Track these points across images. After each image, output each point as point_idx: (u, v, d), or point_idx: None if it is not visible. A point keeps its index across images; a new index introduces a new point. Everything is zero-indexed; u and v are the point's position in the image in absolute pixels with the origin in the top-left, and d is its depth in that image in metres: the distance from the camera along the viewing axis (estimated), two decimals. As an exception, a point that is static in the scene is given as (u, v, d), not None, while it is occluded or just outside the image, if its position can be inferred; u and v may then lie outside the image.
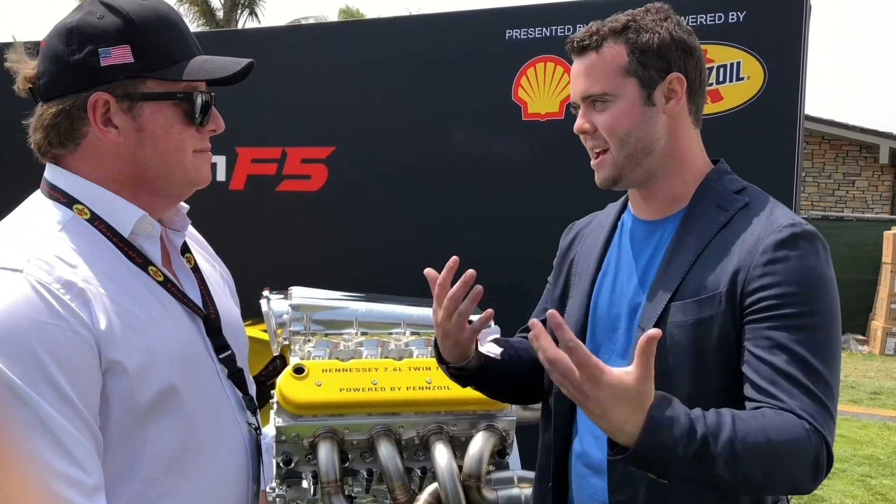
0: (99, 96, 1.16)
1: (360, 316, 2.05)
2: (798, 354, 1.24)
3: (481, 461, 1.79)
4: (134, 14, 1.17)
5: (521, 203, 4.18)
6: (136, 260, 1.20)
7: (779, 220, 1.32)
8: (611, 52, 1.40)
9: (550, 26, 4.12)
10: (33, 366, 1.00)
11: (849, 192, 14.48)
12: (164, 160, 1.21)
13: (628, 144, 1.41)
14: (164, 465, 1.14)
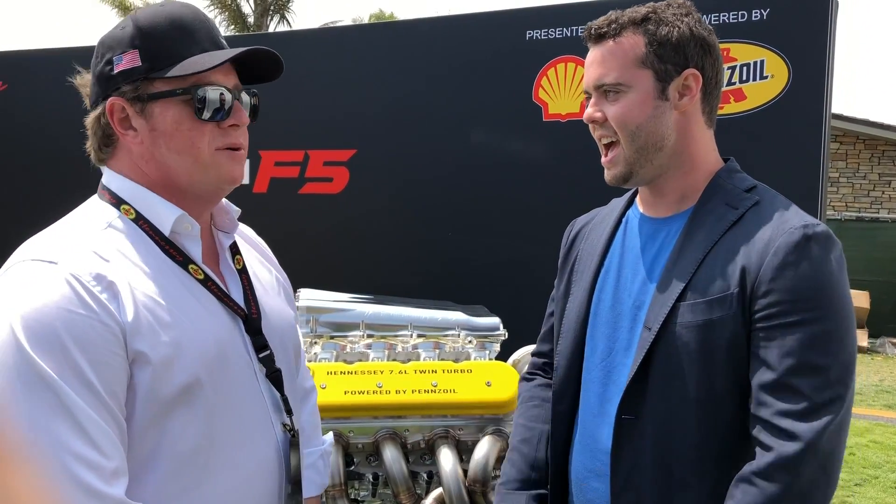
0: (114, 101, 1.21)
1: (366, 318, 2.04)
2: (807, 359, 1.20)
3: (486, 466, 1.77)
4: (145, 21, 1.22)
5: (542, 204, 4.15)
6: (177, 258, 1.23)
7: (791, 221, 1.27)
8: (628, 42, 1.36)
9: (571, 26, 4.08)
10: (59, 353, 1.04)
11: (885, 192, 14.19)
12: (180, 157, 1.23)
13: (639, 138, 1.36)
14: (187, 459, 1.16)
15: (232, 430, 1.22)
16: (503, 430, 1.85)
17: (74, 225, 1.21)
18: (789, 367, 1.20)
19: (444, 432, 1.83)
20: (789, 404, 1.19)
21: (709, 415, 1.27)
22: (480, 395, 1.85)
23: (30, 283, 1.08)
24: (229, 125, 1.25)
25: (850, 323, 1.25)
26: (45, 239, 1.17)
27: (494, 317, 2.22)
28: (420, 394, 1.84)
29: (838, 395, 1.20)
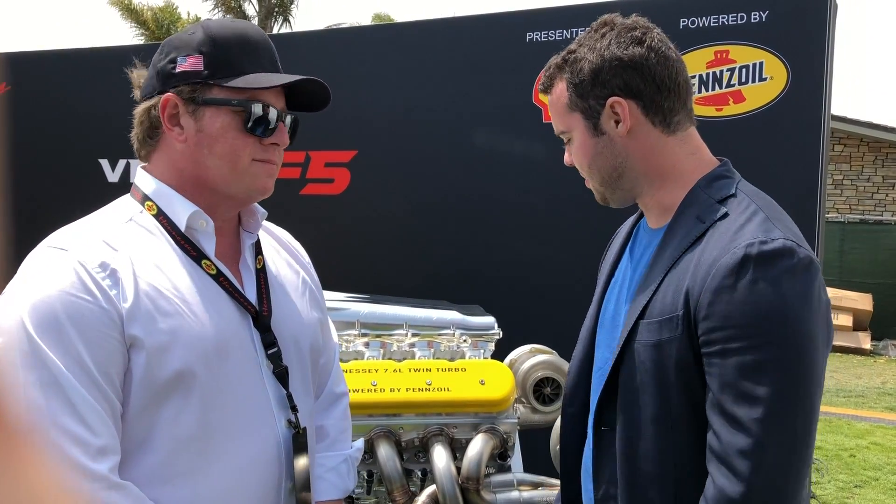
0: (169, 97, 1.29)
1: (362, 317, 2.06)
2: (744, 390, 1.15)
3: (479, 463, 1.79)
4: (215, 30, 1.32)
5: (542, 206, 4.17)
6: (191, 253, 1.30)
7: (740, 239, 1.20)
8: (557, 92, 1.40)
9: (570, 28, 4.10)
10: (56, 333, 1.11)
11: (888, 195, 14.17)
12: (219, 162, 1.31)
13: (595, 174, 1.40)
14: (182, 445, 1.21)
15: (230, 421, 1.26)
16: (497, 429, 1.87)
17: (98, 218, 1.31)
18: (729, 398, 1.16)
19: (439, 430, 1.85)
20: (733, 437, 1.15)
21: (667, 432, 1.25)
22: (474, 393, 1.87)
23: (41, 269, 1.17)
24: (270, 143, 1.33)
25: (798, 352, 1.16)
26: (67, 229, 1.27)
27: (489, 316, 2.23)
28: (414, 392, 1.85)
29: (784, 427, 1.15)
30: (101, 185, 5.35)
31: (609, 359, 1.38)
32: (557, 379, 2.29)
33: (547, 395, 2.28)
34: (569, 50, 1.39)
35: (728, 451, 1.15)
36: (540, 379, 2.25)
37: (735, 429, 1.15)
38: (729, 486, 1.14)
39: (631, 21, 1.37)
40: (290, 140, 1.38)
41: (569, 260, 4.07)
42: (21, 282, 1.17)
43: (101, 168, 5.39)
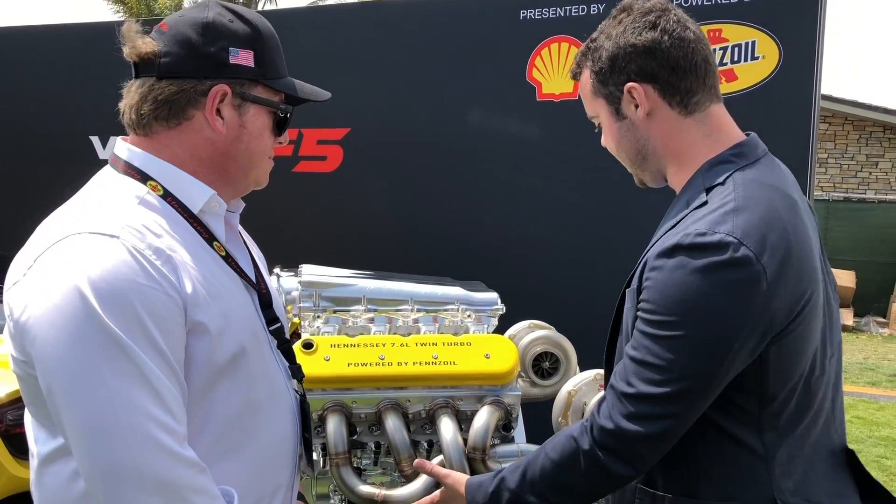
0: (222, 87, 1.28)
1: (368, 293, 2.09)
2: (638, 355, 1.30)
3: (486, 434, 1.83)
4: (260, 26, 1.32)
5: (537, 183, 4.20)
6: (203, 235, 1.30)
7: (686, 228, 1.28)
8: (584, 79, 1.48)
9: (564, 6, 4.11)
10: (134, 322, 1.08)
11: (872, 173, 14.31)
12: (250, 158, 1.34)
13: (623, 156, 1.49)
14: (229, 424, 1.23)
15: (265, 396, 1.30)
16: (501, 401, 1.91)
17: (108, 199, 1.24)
18: (631, 356, 1.31)
19: (445, 402, 1.89)
20: (617, 385, 1.32)
21: None
22: (480, 366, 1.91)
23: (95, 256, 1.11)
24: (279, 141, 1.40)
25: (696, 336, 1.25)
26: (87, 212, 1.20)
27: (493, 292, 2.27)
28: (421, 366, 1.89)
29: (661, 398, 1.26)
30: (92, 162, 5.34)
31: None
32: (556, 353, 2.34)
33: (545, 370, 2.32)
34: (591, 38, 1.45)
35: (611, 389, 1.34)
36: (539, 354, 2.29)
37: (623, 381, 1.31)
38: (597, 420, 1.34)
39: (649, 4, 1.41)
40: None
41: (563, 238, 4.12)
42: (72, 269, 1.10)
43: (93, 145, 5.37)
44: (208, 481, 1.13)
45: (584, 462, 1.34)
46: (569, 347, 2.36)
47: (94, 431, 1.05)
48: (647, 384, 1.27)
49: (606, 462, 1.31)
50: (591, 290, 3.93)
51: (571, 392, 2.03)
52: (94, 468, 1.07)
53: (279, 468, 1.34)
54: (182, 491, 1.08)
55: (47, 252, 1.14)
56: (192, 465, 1.11)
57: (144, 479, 1.06)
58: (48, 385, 1.09)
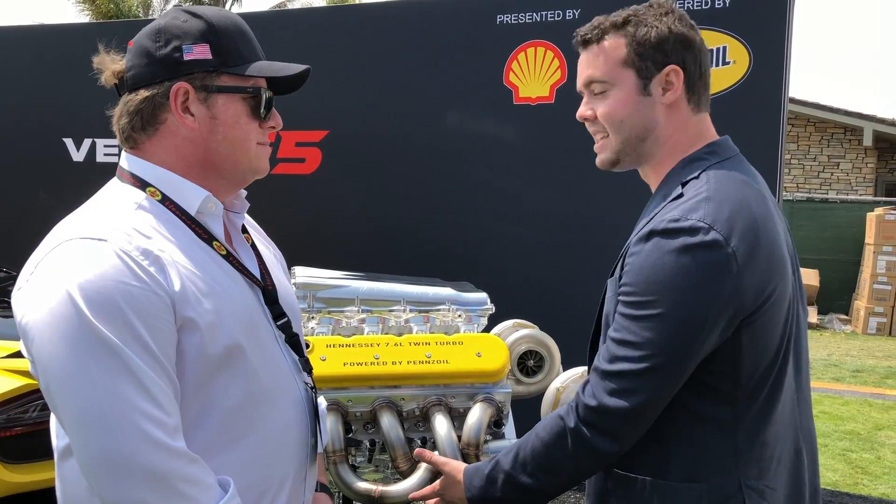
0: (181, 86, 1.31)
1: (361, 294, 2.14)
2: (618, 335, 1.38)
3: (479, 430, 1.89)
4: (214, 19, 1.35)
5: (512, 185, 4.27)
6: (202, 235, 1.34)
7: (661, 215, 1.39)
8: (611, 44, 1.49)
9: (541, 11, 4.19)
10: (120, 321, 1.14)
11: (833, 174, 14.63)
12: (232, 147, 1.35)
13: (624, 130, 1.50)
14: (231, 416, 1.28)
15: (267, 388, 1.34)
16: (493, 398, 1.97)
17: (106, 206, 1.30)
18: (611, 337, 1.40)
19: (438, 400, 1.94)
20: (599, 365, 1.41)
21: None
22: (472, 364, 1.96)
23: (84, 259, 1.17)
24: (269, 126, 1.40)
25: (670, 313, 1.34)
26: (84, 219, 1.26)
27: (482, 292, 2.33)
28: (415, 364, 1.94)
29: (638, 374, 1.35)
30: (66, 164, 5.30)
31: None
32: (540, 352, 2.40)
33: (530, 368, 2.39)
34: (629, 14, 1.49)
35: (593, 371, 1.42)
36: (524, 352, 2.36)
37: (605, 359, 1.40)
38: (582, 399, 1.41)
39: (682, 10, 1.51)
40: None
41: (542, 238, 4.19)
42: (63, 273, 1.16)
43: (66, 147, 5.34)
44: (200, 471, 1.19)
45: (570, 440, 1.41)
46: (552, 345, 2.42)
47: (85, 424, 1.12)
48: (626, 361, 1.36)
49: (591, 439, 1.39)
50: (571, 288, 4.02)
51: (560, 389, 2.09)
52: (86, 459, 1.14)
53: (286, 459, 1.39)
54: (171, 480, 1.14)
55: (45, 258, 1.21)
56: (181, 455, 1.16)
57: (133, 469, 1.11)
58: (45, 383, 1.17)
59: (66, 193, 5.37)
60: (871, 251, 10.68)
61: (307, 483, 1.46)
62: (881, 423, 6.21)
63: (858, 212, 12.05)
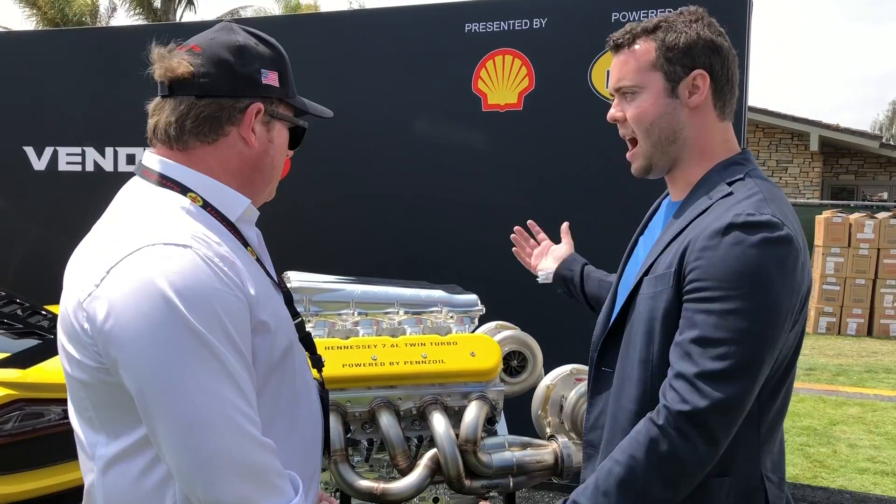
0: (258, 105, 1.38)
1: (356, 297, 2.18)
2: (698, 333, 1.35)
3: (476, 427, 1.94)
4: (279, 48, 1.43)
5: (481, 190, 4.34)
6: (240, 240, 1.38)
7: (732, 210, 1.39)
8: (641, 49, 1.52)
9: (508, 20, 4.27)
10: (217, 324, 1.17)
11: (782, 178, 15.04)
12: (273, 170, 1.44)
13: (654, 132, 1.53)
14: (279, 413, 1.33)
15: (302, 387, 1.41)
16: (486, 396, 2.03)
17: (161, 211, 1.30)
18: (691, 338, 1.36)
19: (434, 399, 1.99)
20: (684, 369, 1.35)
21: (647, 374, 1.46)
22: (466, 364, 2.02)
23: (176, 264, 1.18)
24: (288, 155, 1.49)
25: (759, 304, 1.33)
26: (151, 225, 1.25)
27: (472, 294, 2.39)
28: (412, 364, 1.99)
29: (732, 370, 1.32)
30: (26, 173, 5.23)
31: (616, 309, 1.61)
32: (523, 352, 2.47)
33: (514, 368, 2.46)
34: (660, 20, 1.54)
35: (678, 378, 1.35)
36: (507, 353, 2.42)
37: (688, 362, 1.35)
38: (669, 405, 1.34)
39: (711, 18, 1.56)
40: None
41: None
42: (157, 278, 1.16)
43: (27, 155, 5.26)
44: (279, 464, 1.24)
45: (661, 457, 1.33)
46: (535, 346, 2.49)
47: (192, 425, 1.14)
48: (715, 360, 1.32)
49: (692, 447, 1.32)
50: (548, 290, 4.09)
51: (550, 386, 2.16)
52: (191, 460, 1.15)
53: (315, 453, 1.45)
54: (267, 474, 1.20)
55: (122, 263, 1.19)
56: (271, 450, 1.22)
57: (238, 465, 1.16)
58: (140, 387, 1.15)
59: (27, 202, 5.31)
60: (820, 253, 11.01)
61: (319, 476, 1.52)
62: (835, 419, 6.42)
63: (806, 215, 12.40)
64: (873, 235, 10.64)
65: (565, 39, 4.16)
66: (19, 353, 3.31)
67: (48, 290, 3.82)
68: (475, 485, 1.94)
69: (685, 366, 1.35)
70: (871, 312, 10.64)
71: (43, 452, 2.99)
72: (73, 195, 5.04)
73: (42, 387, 3.03)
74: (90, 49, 5.20)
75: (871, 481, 4.95)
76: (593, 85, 4.12)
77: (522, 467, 1.98)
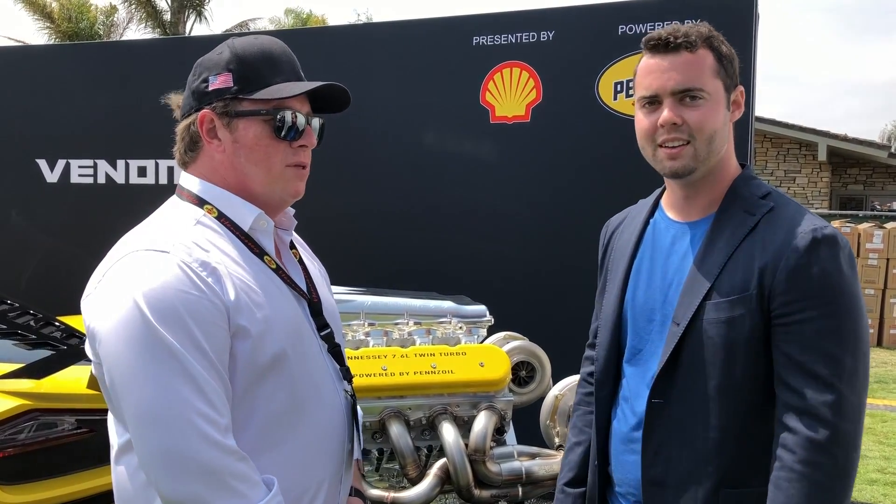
0: (205, 113, 1.40)
1: (366, 308, 2.21)
2: (825, 350, 1.36)
3: (485, 437, 1.96)
4: (241, 49, 1.43)
5: (489, 202, 4.37)
6: (255, 250, 1.41)
7: (801, 225, 1.40)
8: (704, 54, 1.47)
9: (515, 33, 4.31)
10: (180, 327, 1.22)
11: (790, 188, 15.01)
12: (256, 168, 1.42)
13: (713, 142, 1.48)
14: (275, 419, 1.35)
15: (310, 394, 1.41)
16: (495, 406, 2.05)
17: (169, 222, 1.38)
18: (811, 358, 1.36)
19: (443, 409, 2.02)
20: (817, 393, 1.35)
21: (730, 400, 1.43)
22: (475, 374, 2.04)
23: (149, 270, 1.26)
24: (299, 145, 1.44)
25: (859, 315, 1.39)
26: (149, 233, 1.34)
27: (480, 305, 2.41)
28: (422, 375, 2.01)
29: (856, 380, 1.36)
30: (39, 186, 5.28)
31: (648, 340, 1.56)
32: (532, 362, 2.49)
33: (522, 378, 2.47)
34: (707, 29, 1.50)
35: (813, 405, 1.35)
36: (516, 363, 2.44)
37: (818, 385, 1.35)
38: (816, 434, 1.34)
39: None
40: (317, 142, 1.49)
41: (520, 253, 4.29)
42: (129, 282, 1.25)
43: (40, 168, 5.32)
44: (248, 469, 1.26)
45: (830, 482, 1.35)
46: (543, 356, 2.51)
47: (146, 422, 1.22)
48: (842, 378, 1.35)
49: (842, 468, 1.35)
50: (556, 300, 4.12)
51: (558, 396, 2.18)
52: (146, 454, 1.23)
53: (324, 463, 1.45)
54: (223, 476, 1.22)
55: (112, 268, 1.29)
56: (231, 453, 1.24)
57: (189, 464, 1.20)
58: (111, 380, 1.26)
59: (40, 215, 5.36)
60: (829, 263, 10.96)
61: (342, 487, 1.52)
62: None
63: (815, 225, 12.37)
64: (882, 245, 10.61)
65: (573, 52, 4.20)
66: (33, 363, 3.33)
67: (61, 300, 3.86)
68: (484, 494, 1.97)
69: (819, 391, 1.36)
70: (880, 322, 10.59)
71: (56, 462, 3.02)
72: (85, 207, 5.09)
73: (55, 397, 3.05)
74: (102, 63, 5.27)
75: (881, 492, 4.94)
76: (600, 97, 4.14)
77: (531, 476, 2.00)
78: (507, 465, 1.98)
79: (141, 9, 21.14)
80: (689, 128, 1.47)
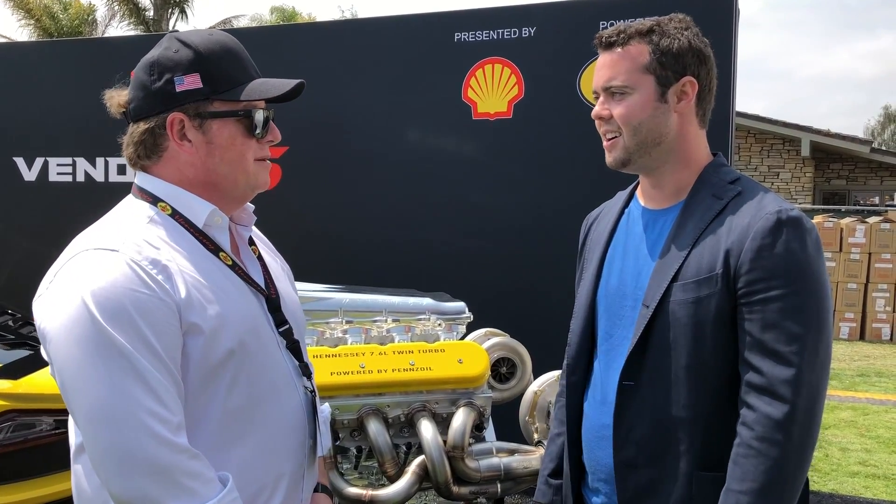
0: (175, 116, 1.38)
1: (344, 306, 2.20)
2: (786, 328, 1.39)
3: (464, 434, 1.96)
4: (202, 47, 1.41)
5: (470, 198, 4.37)
6: (209, 247, 1.42)
7: (767, 207, 1.44)
8: (635, 50, 1.53)
9: (497, 29, 4.30)
10: (129, 325, 1.22)
11: (774, 183, 15.10)
12: (231, 167, 1.43)
13: (640, 133, 1.55)
14: (231, 416, 1.35)
15: (267, 390, 1.41)
16: (474, 403, 2.04)
17: (121, 220, 1.38)
18: (772, 336, 1.39)
19: (422, 406, 2.01)
20: (775, 369, 1.39)
21: (699, 380, 1.46)
22: (454, 371, 2.04)
23: (97, 268, 1.25)
24: (267, 141, 1.46)
25: (823, 295, 1.42)
26: (99, 232, 1.34)
27: (460, 301, 2.40)
28: (400, 372, 2.00)
29: (817, 357, 1.39)
30: (16, 184, 5.23)
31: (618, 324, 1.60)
32: (513, 359, 2.49)
33: (503, 374, 2.47)
34: (654, 23, 1.55)
35: (772, 382, 1.38)
36: (496, 359, 2.44)
37: (778, 362, 1.38)
38: (774, 411, 1.37)
39: (696, 28, 1.59)
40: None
41: (500, 249, 4.29)
42: (78, 281, 1.25)
43: (17, 166, 5.27)
44: (201, 466, 1.26)
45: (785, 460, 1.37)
46: (524, 352, 2.51)
47: (95, 420, 1.21)
48: (802, 354, 1.38)
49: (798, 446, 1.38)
50: (537, 297, 4.13)
51: (537, 392, 2.17)
52: (96, 453, 1.22)
53: (284, 458, 1.45)
54: (174, 474, 1.22)
55: (63, 268, 1.30)
56: (183, 451, 1.23)
57: (138, 462, 1.20)
58: (61, 381, 1.25)
59: (17, 214, 5.31)
60: (812, 257, 11.04)
61: (305, 483, 1.52)
62: (827, 423, 6.44)
63: (798, 220, 12.45)
64: (864, 240, 10.68)
65: (554, 48, 4.20)
66: (10, 363, 3.31)
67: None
68: (463, 491, 1.96)
69: (778, 368, 1.39)
70: (863, 316, 10.67)
71: (34, 463, 3.00)
72: (63, 206, 5.04)
73: (33, 397, 3.04)
74: (81, 59, 5.22)
75: (863, 485, 4.97)
76: (582, 93, 4.15)
77: (510, 473, 2.00)
78: (486, 462, 1.98)
79: (123, 5, 20.98)
80: (616, 121, 1.56)
